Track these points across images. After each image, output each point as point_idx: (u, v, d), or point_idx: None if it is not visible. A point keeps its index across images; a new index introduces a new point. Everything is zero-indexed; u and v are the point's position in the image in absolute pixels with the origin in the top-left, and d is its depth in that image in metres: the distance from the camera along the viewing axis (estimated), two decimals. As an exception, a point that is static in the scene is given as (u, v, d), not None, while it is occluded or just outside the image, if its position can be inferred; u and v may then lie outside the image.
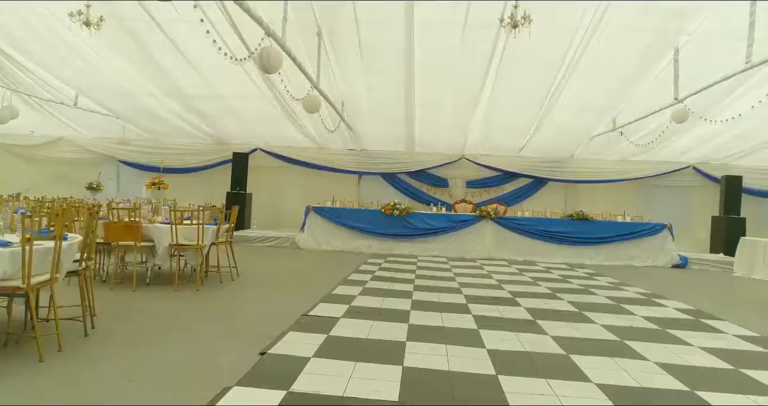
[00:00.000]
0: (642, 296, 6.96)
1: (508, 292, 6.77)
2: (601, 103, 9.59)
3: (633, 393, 3.24)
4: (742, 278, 9.63)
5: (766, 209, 12.79)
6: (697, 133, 10.44)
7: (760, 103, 7.70)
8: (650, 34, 7.43)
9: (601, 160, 12.75)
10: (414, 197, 13.22)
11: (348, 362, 3.53)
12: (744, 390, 3.39)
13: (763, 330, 5.18)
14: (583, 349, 4.17)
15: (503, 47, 7.79)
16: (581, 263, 10.72)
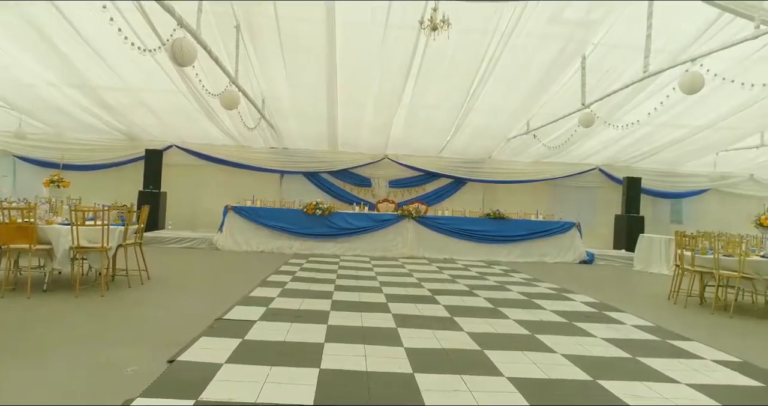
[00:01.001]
0: (552, 291, 7.32)
1: (427, 290, 6.89)
2: (516, 106, 9.99)
3: (541, 385, 3.38)
4: (640, 272, 10.40)
5: (661, 208, 13.92)
6: (602, 137, 11.14)
7: (656, 110, 8.35)
8: (560, 42, 7.82)
9: (516, 162, 13.31)
10: (337, 197, 13.15)
11: (263, 366, 3.42)
12: (640, 377, 3.63)
13: (657, 320, 5.61)
14: (497, 344, 4.31)
15: (424, 49, 7.92)
16: (497, 260, 11.13)
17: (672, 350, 4.42)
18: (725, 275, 6.23)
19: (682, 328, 5.28)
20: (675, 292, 6.94)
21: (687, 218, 13.85)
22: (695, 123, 10.15)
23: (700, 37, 7.14)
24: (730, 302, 6.29)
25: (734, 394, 3.41)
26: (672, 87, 7.10)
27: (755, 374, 3.85)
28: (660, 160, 12.78)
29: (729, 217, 13.37)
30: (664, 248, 10.21)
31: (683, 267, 6.84)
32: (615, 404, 3.11)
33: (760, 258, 6.17)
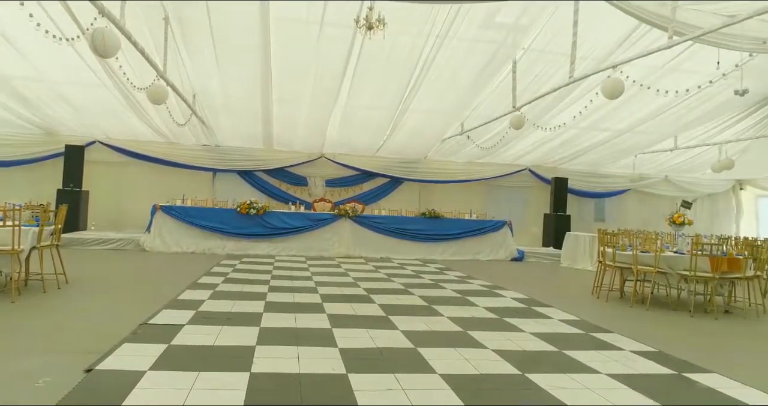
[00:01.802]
0: (485, 288, 7.51)
1: (363, 289, 6.88)
2: (451, 107, 10.19)
3: (472, 380, 3.45)
4: (567, 268, 10.89)
5: (586, 208, 14.64)
6: (532, 138, 11.58)
7: (580, 114, 8.77)
8: (492, 46, 8.05)
9: (451, 162, 13.57)
10: (272, 196, 12.91)
11: (190, 372, 3.29)
12: (565, 369, 3.78)
13: (581, 314, 5.87)
14: (430, 341, 4.36)
15: (360, 48, 7.91)
16: (433, 258, 11.31)
17: (594, 343, 4.64)
18: (642, 270, 6.62)
19: (604, 321, 5.56)
20: (598, 287, 7.31)
21: (609, 217, 14.64)
22: (616, 127, 10.75)
23: (620, 45, 7.58)
24: (647, 296, 6.69)
25: (650, 382, 3.61)
26: (595, 92, 7.48)
27: (669, 362, 4.11)
28: (585, 161, 13.44)
29: (647, 215, 14.28)
30: (589, 245, 10.73)
31: (605, 263, 7.21)
32: (541, 396, 3.22)
33: (673, 254, 6.61)
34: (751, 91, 8.04)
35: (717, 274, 6.14)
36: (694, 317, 6.11)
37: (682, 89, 7.76)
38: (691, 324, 5.76)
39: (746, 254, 6.48)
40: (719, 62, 7.02)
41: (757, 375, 3.88)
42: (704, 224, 15.14)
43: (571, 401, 3.13)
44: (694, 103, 9.42)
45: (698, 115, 10.17)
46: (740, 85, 7.57)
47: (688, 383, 3.65)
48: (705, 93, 8.75)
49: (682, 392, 3.46)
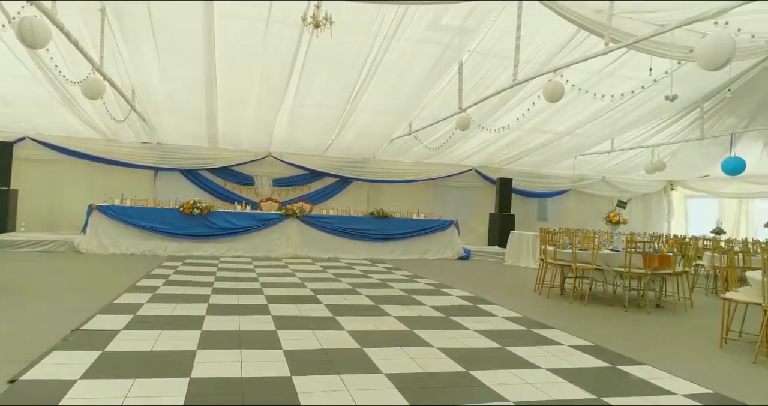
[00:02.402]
0: (432, 287, 7.60)
1: (310, 290, 6.82)
2: (399, 108, 10.23)
3: (417, 379, 3.48)
4: (511, 266, 11.17)
5: (530, 207, 15.07)
6: (478, 139, 11.80)
7: (523, 116, 9.01)
8: (439, 48, 8.13)
9: (399, 162, 13.65)
10: (217, 195, 12.58)
11: (125, 380, 3.15)
12: (507, 365, 3.87)
13: (524, 311, 6.04)
14: (377, 341, 4.37)
15: (307, 47, 7.82)
16: (381, 258, 11.35)
17: (535, 338, 4.78)
18: (581, 267, 6.88)
19: (545, 317, 5.74)
20: (540, 284, 7.54)
21: (551, 216, 15.14)
22: (557, 129, 11.12)
23: (561, 50, 7.82)
24: (585, 292, 6.96)
25: (586, 375, 3.75)
26: (537, 95, 7.69)
27: (604, 355, 4.28)
28: (528, 162, 13.83)
29: (586, 214, 14.85)
30: (532, 243, 11.05)
31: (547, 261, 7.45)
32: (484, 392, 3.28)
33: (609, 251, 6.90)
34: (680, 97, 8.50)
35: (649, 270, 6.46)
36: (628, 311, 6.40)
37: (617, 94, 8.11)
38: (625, 318, 6.04)
39: (675, 251, 6.85)
40: (651, 69, 7.37)
41: (684, 366, 4.11)
42: (638, 222, 15.92)
43: (513, 397, 3.20)
44: (628, 107, 9.87)
45: (632, 119, 10.66)
46: (670, 91, 7.99)
47: (621, 375, 3.81)
48: (638, 98, 9.17)
49: (616, 384, 3.61)
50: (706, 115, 10.52)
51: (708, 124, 10.78)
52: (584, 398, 3.27)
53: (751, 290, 4.85)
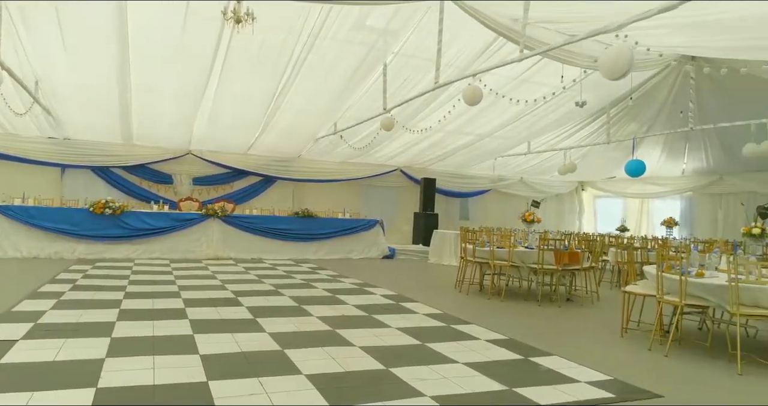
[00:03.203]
0: (356, 287, 7.64)
1: (231, 292, 6.65)
2: (324, 107, 10.19)
3: (337, 378, 3.49)
4: (434, 265, 11.44)
5: (453, 207, 15.51)
6: (402, 140, 11.99)
7: (445, 118, 9.25)
8: (364, 48, 8.18)
9: (325, 161, 13.60)
10: (133, 195, 11.96)
11: (22, 393, 2.93)
12: (426, 361, 3.97)
13: (444, 307, 6.21)
14: (298, 342, 4.33)
15: (228, 42, 7.61)
16: (306, 258, 11.25)
17: (454, 334, 4.93)
18: (499, 264, 7.17)
19: (464, 313, 5.94)
20: (460, 281, 7.78)
21: (473, 215, 15.67)
22: (477, 131, 11.52)
23: (480, 55, 8.11)
24: (502, 288, 7.26)
25: (500, 367, 3.92)
26: (458, 98, 7.93)
27: (518, 348, 4.50)
28: (451, 163, 14.23)
29: (505, 214, 15.48)
30: (454, 242, 11.37)
31: (467, 259, 7.70)
32: (402, 388, 3.34)
33: (524, 249, 7.24)
34: (588, 103, 9.06)
35: (560, 266, 6.84)
36: (541, 305, 6.75)
37: (531, 99, 8.53)
38: (538, 312, 6.36)
39: (583, 248, 7.30)
40: (563, 76, 7.82)
41: (589, 355, 4.39)
42: (552, 221, 16.82)
43: (430, 391, 3.29)
44: (543, 112, 10.41)
45: (546, 123, 11.26)
46: (580, 98, 8.50)
47: (532, 366, 4.02)
48: (552, 103, 9.70)
49: (527, 374, 3.80)
50: (612, 120, 11.28)
51: (613, 129, 11.56)
52: (497, 389, 3.42)
53: (648, 283, 5.27)
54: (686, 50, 7.97)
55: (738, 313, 4.18)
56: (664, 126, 11.30)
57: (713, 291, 4.41)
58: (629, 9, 4.64)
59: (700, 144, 12.56)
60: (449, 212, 15.28)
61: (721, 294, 4.34)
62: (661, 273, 4.72)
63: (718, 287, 4.35)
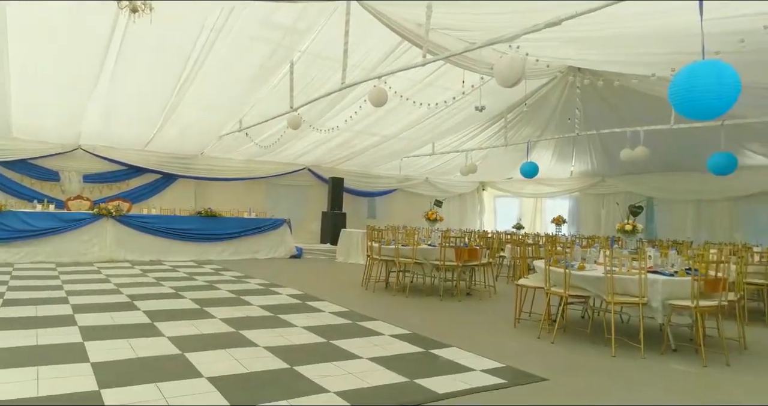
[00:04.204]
0: (261, 287, 7.53)
1: (126, 296, 6.30)
2: (229, 103, 9.92)
3: (240, 379, 3.45)
4: (342, 263, 11.52)
5: (361, 206, 15.70)
6: (310, 139, 11.96)
7: (351, 118, 9.36)
8: (270, 45, 8.08)
9: (230, 159, 13.22)
10: (12, 193, 10.94)
11: None
12: (331, 358, 4.03)
13: (350, 305, 6.30)
14: (200, 345, 4.22)
15: (124, 31, 7.18)
16: (210, 259, 10.89)
17: (359, 330, 5.04)
18: (403, 261, 7.39)
19: (370, 310, 6.06)
20: (367, 279, 7.92)
21: (380, 214, 15.97)
22: (384, 132, 11.77)
23: (386, 58, 8.31)
24: (407, 285, 7.50)
25: (402, 361, 4.07)
26: (364, 99, 8.07)
27: (419, 342, 4.68)
28: (359, 163, 14.40)
29: (411, 213, 15.91)
30: (361, 240, 11.52)
31: (373, 257, 7.85)
32: (307, 385, 3.38)
33: (427, 246, 7.52)
34: (488, 108, 9.58)
35: (460, 262, 7.19)
36: (443, 300, 7.06)
37: (433, 103, 8.87)
38: (440, 307, 6.64)
39: (482, 245, 7.72)
40: (464, 81, 8.21)
41: (484, 345, 4.68)
42: (456, 219, 17.55)
43: (334, 387, 3.36)
44: (446, 115, 10.85)
45: (450, 126, 11.74)
46: (479, 103, 8.96)
47: (433, 358, 4.22)
48: (454, 107, 10.14)
49: (428, 366, 3.98)
50: (509, 125, 12.00)
51: (510, 133, 12.30)
52: (399, 382, 3.56)
53: (538, 277, 5.69)
54: (572, 62, 8.67)
55: (613, 301, 4.64)
56: (555, 131, 12.19)
57: (592, 282, 4.87)
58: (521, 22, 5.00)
59: (586, 148, 13.70)
60: (357, 211, 15.45)
61: (598, 285, 4.80)
62: (548, 267, 5.13)
63: (596, 278, 4.81)
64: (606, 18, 4.77)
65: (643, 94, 8.84)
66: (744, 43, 4.84)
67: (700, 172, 9.41)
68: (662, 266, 5.02)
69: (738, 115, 8.18)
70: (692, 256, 5.34)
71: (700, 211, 13.30)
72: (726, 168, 8.04)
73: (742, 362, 4.48)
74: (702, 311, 4.49)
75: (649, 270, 4.73)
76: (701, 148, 9.30)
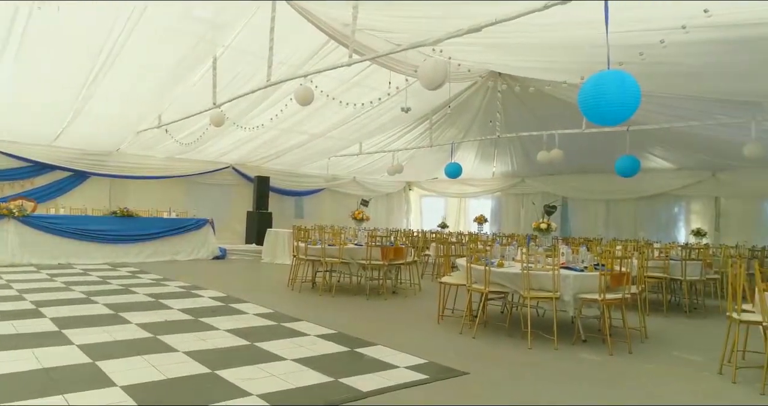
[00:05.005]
0: (182, 290, 7.25)
1: (30, 302, 5.86)
2: (147, 98, 9.44)
3: (157, 387, 3.32)
4: (268, 264, 11.33)
5: (287, 205, 15.47)
6: (234, 137, 11.63)
7: (277, 116, 9.22)
8: (192, 39, 7.77)
9: (148, 156, 12.59)
10: None
11: None
12: (254, 361, 3.96)
13: (275, 306, 6.22)
14: (113, 353, 4.01)
15: (27, 17, 6.66)
16: (126, 261, 10.35)
17: (284, 332, 4.98)
18: (330, 261, 7.38)
19: (296, 311, 6.01)
20: (293, 280, 7.84)
21: (308, 214, 15.82)
22: (312, 131, 11.67)
23: (313, 56, 8.24)
24: (333, 284, 7.49)
25: (327, 360, 4.07)
26: (290, 97, 7.97)
27: (345, 341, 4.70)
28: (286, 161, 14.19)
29: (339, 212, 15.90)
30: (287, 240, 11.37)
31: (299, 257, 7.78)
32: (228, 390, 3.30)
33: (354, 246, 7.55)
34: (413, 109, 9.74)
35: (386, 261, 7.28)
36: (369, 299, 7.12)
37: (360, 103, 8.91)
38: (366, 306, 6.70)
39: (407, 244, 7.85)
40: (390, 82, 8.31)
41: (408, 342, 4.77)
42: (383, 218, 17.72)
43: (257, 390, 3.30)
44: (373, 115, 10.92)
45: (377, 126, 11.83)
46: (405, 104, 9.10)
47: (357, 356, 4.25)
48: (381, 107, 10.23)
49: (353, 365, 4.01)
50: (434, 126, 12.28)
51: (435, 134, 12.59)
52: (324, 381, 3.56)
53: (460, 274, 5.87)
54: (493, 67, 9.01)
55: (529, 296, 4.88)
56: (478, 133, 12.61)
57: (510, 279, 5.09)
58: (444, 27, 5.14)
59: (507, 150, 14.28)
60: (284, 210, 15.22)
61: (516, 281, 5.04)
62: (470, 265, 5.31)
63: (514, 274, 5.04)
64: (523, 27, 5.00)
65: (558, 100, 9.34)
66: (643, 56, 5.24)
67: (609, 174, 10.06)
68: (574, 262, 5.34)
69: (641, 121, 8.84)
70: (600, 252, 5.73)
71: (609, 210, 14.25)
72: (631, 170, 8.66)
73: (643, 349, 4.86)
74: (608, 304, 4.82)
75: (561, 266, 5.02)
76: (610, 152, 9.95)
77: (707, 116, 8.24)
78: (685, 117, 8.49)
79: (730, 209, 12.33)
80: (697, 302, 7.17)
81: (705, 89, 7.32)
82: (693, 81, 6.87)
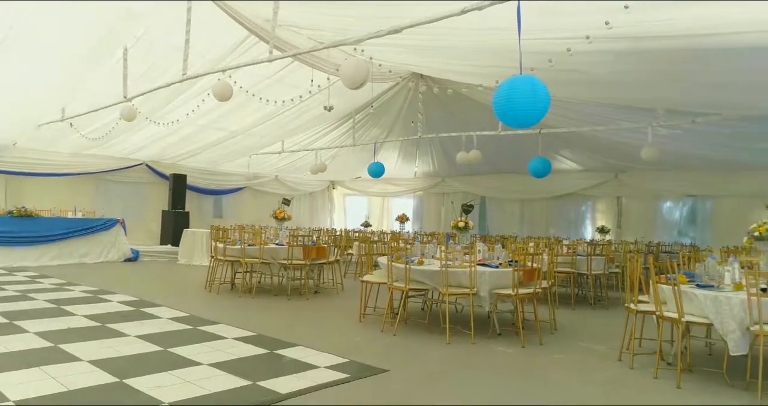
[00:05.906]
0: (89, 294, 6.80)
1: None
2: (48, 88, 8.74)
3: (58, 400, 3.09)
4: (185, 265, 10.87)
5: (206, 204, 14.93)
6: (147, 132, 11.03)
7: (194, 112, 8.87)
8: (101, 27, 7.29)
9: (51, 152, 11.66)
10: None
11: None
12: (167, 367, 3.78)
13: (191, 309, 5.97)
14: (5, 365, 3.69)
15: None
16: (25, 265, 9.55)
17: (200, 335, 4.80)
18: (249, 261, 7.20)
19: (213, 313, 5.81)
20: (211, 281, 7.57)
21: (227, 213, 15.34)
22: (231, 128, 11.32)
23: (233, 51, 7.99)
24: (254, 285, 7.32)
25: (245, 363, 3.97)
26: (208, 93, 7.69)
27: (264, 343, 4.60)
28: (204, 159, 13.67)
29: (260, 211, 15.52)
30: (206, 241, 10.96)
31: (217, 258, 7.53)
32: (139, 399, 3.14)
33: (275, 246, 7.41)
34: (336, 108, 9.69)
35: (308, 261, 7.21)
36: (290, 299, 7.02)
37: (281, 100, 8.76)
38: (288, 306, 6.60)
39: (330, 243, 7.82)
40: (312, 80, 8.23)
41: (330, 342, 4.76)
42: (306, 218, 17.54)
43: (169, 398, 3.16)
44: (295, 113, 10.76)
45: (299, 124, 11.67)
46: (328, 102, 9.04)
47: (277, 358, 4.18)
48: (303, 105, 10.09)
49: (272, 367, 3.94)
50: (357, 125, 12.30)
51: (358, 134, 12.62)
52: (241, 385, 3.46)
53: (382, 273, 5.93)
54: (413, 68, 9.17)
55: (447, 293, 5.02)
56: (400, 133, 12.78)
57: (430, 276, 5.21)
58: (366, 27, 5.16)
59: (428, 150, 14.58)
60: (202, 209, 14.67)
61: (435, 278, 5.15)
62: (390, 263, 5.37)
63: (433, 272, 5.16)
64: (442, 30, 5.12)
65: (476, 102, 9.67)
66: (552, 63, 5.54)
67: (523, 174, 10.53)
68: (490, 259, 5.55)
69: (551, 124, 9.34)
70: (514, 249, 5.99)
71: (524, 209, 14.94)
72: (543, 171, 9.13)
73: (553, 341, 5.14)
74: (521, 298, 5.06)
75: (478, 263, 5.20)
76: (524, 153, 10.42)
77: (610, 121, 8.85)
78: (591, 122, 9.07)
79: (631, 207, 13.33)
80: (602, 295, 7.68)
81: (608, 96, 7.86)
82: (597, 88, 7.36)
